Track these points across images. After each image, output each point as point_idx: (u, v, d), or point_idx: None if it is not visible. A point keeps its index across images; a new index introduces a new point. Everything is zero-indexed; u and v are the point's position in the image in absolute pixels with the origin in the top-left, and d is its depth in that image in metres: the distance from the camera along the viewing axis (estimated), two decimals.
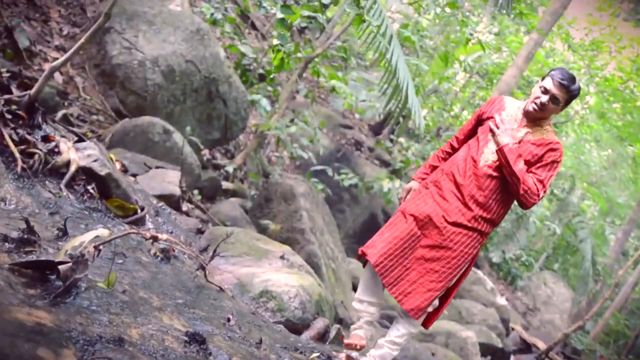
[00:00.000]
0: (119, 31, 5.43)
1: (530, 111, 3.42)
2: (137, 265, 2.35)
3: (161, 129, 5.00)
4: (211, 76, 5.77)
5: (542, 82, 3.47)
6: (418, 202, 3.52)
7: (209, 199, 5.99)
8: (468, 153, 3.53)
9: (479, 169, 3.42)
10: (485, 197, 3.42)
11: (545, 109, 3.43)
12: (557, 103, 3.43)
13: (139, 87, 5.28)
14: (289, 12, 3.86)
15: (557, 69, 3.52)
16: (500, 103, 3.68)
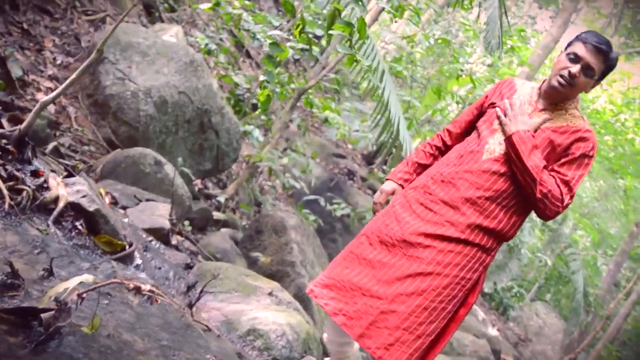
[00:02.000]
0: (113, 61, 5.45)
1: (556, 87, 2.69)
2: (122, 306, 2.34)
3: (152, 160, 5.00)
4: (204, 107, 5.78)
5: (571, 48, 2.73)
6: (389, 220, 2.81)
7: (200, 229, 5.97)
8: (465, 147, 2.87)
9: (479, 162, 2.73)
10: (486, 199, 2.68)
11: (575, 84, 2.67)
12: (591, 75, 2.66)
13: (131, 118, 5.29)
14: (278, 50, 3.87)
15: (589, 32, 2.76)
16: (510, 86, 2.97)
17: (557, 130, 2.72)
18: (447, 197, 2.75)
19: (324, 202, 8.87)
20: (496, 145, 2.76)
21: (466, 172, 2.76)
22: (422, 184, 2.89)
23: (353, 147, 12.56)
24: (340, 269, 2.78)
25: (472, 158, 2.79)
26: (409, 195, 2.89)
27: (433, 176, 2.86)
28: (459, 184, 2.75)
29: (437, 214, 2.73)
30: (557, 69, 2.73)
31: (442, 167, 2.88)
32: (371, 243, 2.80)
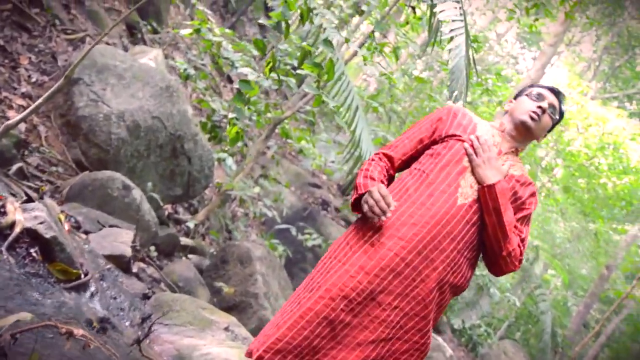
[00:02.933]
0: (88, 83, 5.44)
1: (526, 122, 2.63)
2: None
3: (121, 184, 4.97)
4: (177, 133, 5.78)
5: (529, 91, 2.76)
6: (344, 265, 2.43)
7: (167, 255, 5.93)
8: (430, 186, 2.52)
9: (455, 208, 2.47)
10: (458, 252, 2.47)
11: (541, 122, 2.65)
12: (552, 116, 2.69)
13: (102, 140, 5.27)
14: (248, 87, 3.89)
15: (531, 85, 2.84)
16: (466, 117, 2.75)
17: (519, 180, 2.64)
18: (420, 247, 2.42)
19: (295, 232, 8.87)
20: (467, 188, 2.54)
21: (442, 217, 2.46)
22: (386, 225, 2.49)
23: (328, 177, 12.60)
24: (296, 329, 2.36)
25: (445, 201, 2.49)
26: (373, 237, 2.49)
27: (402, 213, 2.49)
28: (435, 232, 2.44)
29: (409, 266, 2.41)
30: (521, 109, 2.71)
31: (410, 203, 2.52)
32: (333, 297, 2.38)
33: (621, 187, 13.94)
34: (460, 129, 2.70)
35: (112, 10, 8.63)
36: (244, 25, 14.30)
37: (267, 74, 3.79)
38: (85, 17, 7.24)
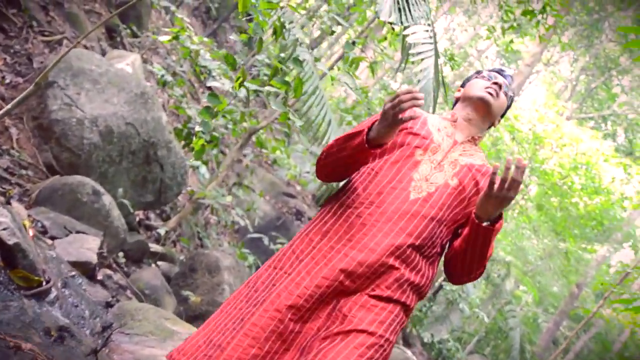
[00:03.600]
0: (62, 86, 5.43)
1: (485, 98, 2.48)
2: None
3: (91, 189, 4.97)
4: (151, 140, 5.78)
5: (477, 75, 2.64)
6: (289, 276, 2.28)
7: (135, 261, 5.92)
8: (380, 180, 2.37)
9: (408, 203, 2.32)
10: (413, 248, 2.29)
11: (499, 98, 2.50)
12: (508, 94, 2.57)
13: (74, 145, 5.26)
14: (216, 102, 3.91)
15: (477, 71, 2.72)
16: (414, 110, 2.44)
17: (480, 170, 2.47)
18: (372, 244, 2.26)
19: (267, 241, 8.88)
20: (422, 181, 2.38)
21: (393, 212, 2.31)
22: (333, 224, 2.37)
23: (303, 187, 12.63)
24: (242, 349, 2.18)
25: (397, 196, 2.34)
26: (320, 242, 2.34)
27: (350, 215, 2.35)
28: (388, 227, 2.28)
29: (362, 265, 2.24)
30: (475, 88, 2.56)
31: (357, 204, 2.37)
32: (278, 309, 2.20)
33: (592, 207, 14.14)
34: (410, 121, 2.41)
35: (92, 12, 8.62)
36: (225, 32, 14.31)
37: (237, 88, 3.81)
38: (64, 19, 7.22)
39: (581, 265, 18.65)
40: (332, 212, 2.43)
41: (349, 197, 2.41)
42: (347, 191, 2.46)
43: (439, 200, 2.37)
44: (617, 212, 16.61)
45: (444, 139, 2.50)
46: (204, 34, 13.59)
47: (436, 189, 2.40)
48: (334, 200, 2.51)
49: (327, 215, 2.44)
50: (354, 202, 2.38)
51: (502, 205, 2.23)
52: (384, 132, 2.28)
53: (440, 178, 2.43)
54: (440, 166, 2.45)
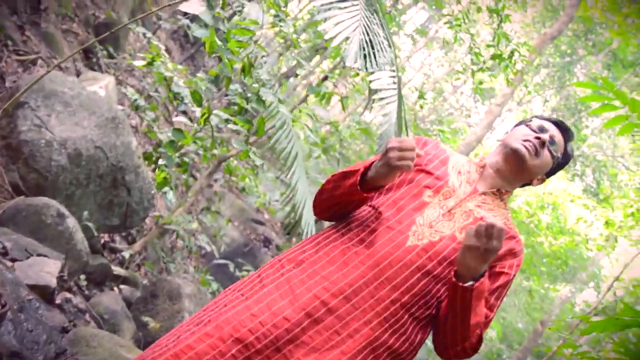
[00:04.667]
0: (33, 107, 5.46)
1: (520, 151, 2.16)
2: None
3: (55, 211, 4.99)
4: (119, 164, 5.82)
5: (528, 122, 2.28)
6: (246, 300, 1.97)
7: (97, 284, 5.92)
8: (375, 219, 2.08)
9: (402, 249, 1.99)
10: (401, 305, 1.95)
11: (538, 157, 2.18)
12: (553, 154, 2.23)
13: (42, 166, 5.28)
14: (181, 136, 4.00)
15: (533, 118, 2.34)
16: (437, 147, 2.30)
17: None
18: (349, 292, 1.93)
19: (233, 268, 8.90)
20: (426, 227, 2.04)
21: (382, 257, 1.98)
22: (311, 260, 2.06)
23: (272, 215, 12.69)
24: None
25: (391, 239, 2.01)
26: (291, 272, 2.03)
27: (333, 249, 2.07)
28: (370, 275, 1.96)
29: (332, 313, 1.92)
30: (515, 137, 2.23)
31: (345, 238, 2.09)
32: (223, 338, 1.88)
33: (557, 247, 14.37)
34: (427, 158, 2.21)
35: (69, 32, 8.68)
36: (203, 55, 14.41)
37: (202, 124, 3.90)
38: (40, 39, 7.27)
39: (546, 303, 18.87)
40: (315, 242, 2.14)
41: (339, 231, 2.14)
42: (340, 225, 2.19)
43: (440, 253, 2.03)
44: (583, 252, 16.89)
45: (463, 184, 2.19)
46: (181, 57, 13.70)
47: (440, 239, 2.05)
48: (322, 232, 2.24)
49: (308, 244, 2.15)
50: (342, 236, 2.11)
51: (485, 258, 1.89)
52: (382, 174, 2.03)
53: (447, 227, 2.09)
54: (450, 214, 2.12)
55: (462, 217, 2.13)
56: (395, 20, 11.59)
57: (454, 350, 2.06)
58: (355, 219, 2.17)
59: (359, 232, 2.09)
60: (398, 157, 1.95)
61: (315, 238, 2.19)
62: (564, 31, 16.05)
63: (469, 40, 8.42)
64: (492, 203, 2.21)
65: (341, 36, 2.99)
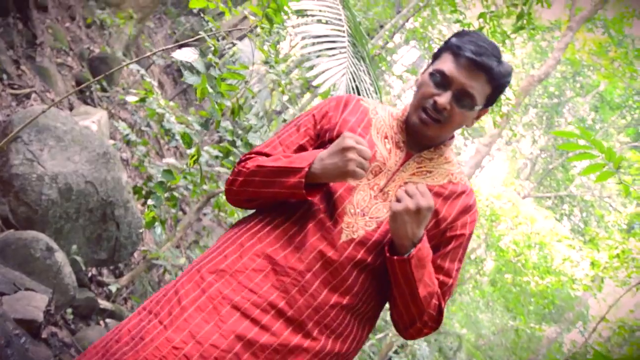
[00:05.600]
0: (26, 142, 5.53)
1: (417, 125, 1.87)
2: None
3: (44, 245, 5.04)
4: (109, 199, 5.89)
5: (437, 63, 1.89)
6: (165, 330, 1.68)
7: (83, 318, 5.94)
8: (312, 214, 1.81)
9: (337, 247, 1.76)
10: (342, 308, 1.77)
11: (446, 120, 1.85)
12: (469, 105, 1.85)
13: (32, 200, 5.34)
14: (170, 177, 4.08)
15: (463, 34, 1.89)
16: (360, 108, 1.98)
17: (440, 192, 1.88)
18: (283, 304, 1.71)
19: None
20: (358, 216, 1.80)
21: (314, 259, 1.75)
22: (235, 269, 1.77)
23: None
24: None
25: (321, 238, 1.77)
26: (213, 287, 1.74)
27: (258, 253, 1.79)
28: (307, 282, 1.73)
29: (268, 332, 1.68)
30: (419, 95, 1.89)
31: (271, 239, 1.80)
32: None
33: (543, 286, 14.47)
34: (349, 126, 1.92)
35: (63, 65, 8.80)
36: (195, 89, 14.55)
37: (191, 164, 3.99)
38: (34, 73, 7.38)
39: (533, 343, 18.88)
40: (238, 244, 1.85)
41: (264, 227, 1.86)
42: (263, 218, 1.91)
43: (379, 243, 1.80)
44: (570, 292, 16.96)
45: (392, 151, 1.90)
46: (174, 91, 13.85)
47: (377, 226, 1.81)
48: (243, 224, 1.94)
49: (230, 247, 1.86)
50: (267, 235, 1.83)
51: (419, 220, 1.68)
52: (331, 175, 1.74)
53: (383, 210, 1.84)
54: (384, 194, 1.86)
55: None
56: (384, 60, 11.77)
57: (414, 329, 1.86)
58: (280, 211, 1.87)
59: (286, 229, 1.81)
60: (357, 163, 1.69)
61: (236, 236, 1.88)
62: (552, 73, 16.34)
63: None
64: (430, 163, 1.92)
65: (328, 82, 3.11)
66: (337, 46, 3.30)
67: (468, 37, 1.85)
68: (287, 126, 2.03)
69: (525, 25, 7.21)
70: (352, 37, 3.43)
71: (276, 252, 1.77)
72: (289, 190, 1.78)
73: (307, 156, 1.80)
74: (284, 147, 1.96)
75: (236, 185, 1.96)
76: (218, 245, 1.90)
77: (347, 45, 3.34)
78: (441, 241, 1.90)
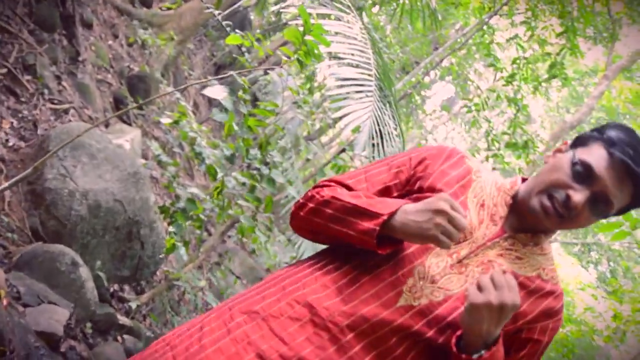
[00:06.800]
0: (60, 157, 5.71)
1: (538, 214, 1.59)
2: None
3: (70, 260, 5.18)
4: (135, 218, 6.03)
5: (583, 152, 1.59)
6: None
7: (102, 333, 6.06)
8: (379, 270, 1.57)
9: (392, 309, 1.51)
10: None
11: (570, 220, 1.58)
12: (603, 213, 1.59)
13: (62, 215, 5.50)
14: (193, 207, 4.20)
15: (621, 128, 1.59)
16: (462, 165, 1.73)
17: (525, 284, 1.61)
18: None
19: None
20: (426, 282, 1.55)
21: (362, 319, 1.49)
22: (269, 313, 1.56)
23: None
24: None
25: (377, 295, 1.52)
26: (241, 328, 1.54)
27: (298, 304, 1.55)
28: (344, 341, 1.48)
29: None
30: (550, 180, 1.60)
31: (309, 290, 1.56)
32: None
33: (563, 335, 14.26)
34: (445, 179, 1.68)
35: (103, 82, 9.03)
36: None
37: (215, 197, 4.11)
38: (75, 89, 7.60)
39: None
40: (280, 287, 1.63)
41: (312, 273, 1.64)
42: (314, 261, 1.70)
43: (443, 318, 1.54)
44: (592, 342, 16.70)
45: (485, 223, 1.65)
46: (208, 111, 14.06)
47: (445, 299, 1.56)
48: (294, 266, 1.74)
49: (271, 288, 1.65)
50: (314, 281, 1.61)
51: (499, 318, 1.43)
52: (411, 234, 1.50)
53: (456, 284, 1.58)
54: (462, 265, 1.61)
55: (477, 269, 1.60)
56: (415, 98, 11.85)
57: None
58: (337, 255, 1.67)
59: (337, 277, 1.58)
60: (444, 230, 1.45)
61: (281, 278, 1.68)
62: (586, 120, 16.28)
63: (487, 126, 8.65)
64: (523, 249, 1.65)
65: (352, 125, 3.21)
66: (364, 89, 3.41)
67: (627, 135, 1.56)
68: (378, 162, 1.83)
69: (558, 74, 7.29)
70: (380, 81, 3.54)
71: (319, 301, 1.53)
72: (359, 234, 1.54)
73: (390, 203, 1.57)
74: (368, 184, 1.74)
75: (304, 211, 1.74)
76: (260, 284, 1.71)
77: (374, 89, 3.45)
78: (514, 341, 1.62)
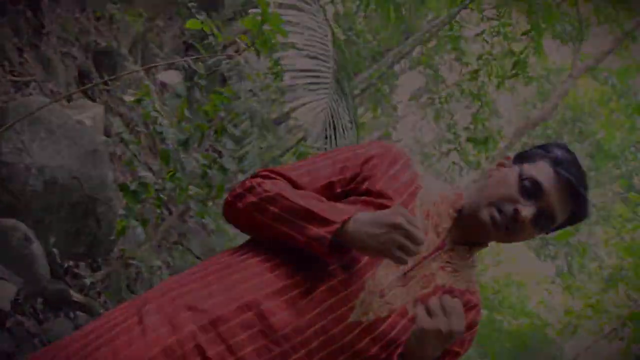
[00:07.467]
0: (18, 131, 5.64)
1: (487, 225, 1.61)
2: None
3: (23, 235, 5.14)
4: (93, 195, 6.00)
5: (530, 168, 1.64)
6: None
7: (53, 309, 6.03)
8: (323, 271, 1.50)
9: (342, 326, 1.47)
10: None
11: (515, 233, 1.62)
12: (545, 228, 1.64)
13: (17, 189, 5.45)
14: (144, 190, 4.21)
15: (564, 148, 1.68)
16: (408, 171, 1.68)
17: (460, 299, 1.53)
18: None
19: None
20: (375, 295, 1.50)
21: (313, 336, 1.43)
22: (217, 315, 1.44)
23: None
24: None
25: (331, 309, 1.46)
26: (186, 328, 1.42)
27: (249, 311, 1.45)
28: (294, 358, 1.42)
29: None
30: (499, 193, 1.61)
31: (261, 297, 1.46)
32: None
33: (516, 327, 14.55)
34: (395, 186, 1.61)
35: (68, 55, 8.90)
36: None
37: (168, 179, 4.12)
38: (37, 62, 7.49)
39: None
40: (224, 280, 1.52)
41: (263, 274, 1.53)
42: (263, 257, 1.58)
43: (386, 335, 1.53)
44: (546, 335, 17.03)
45: (429, 234, 1.61)
46: None
47: (389, 314, 1.54)
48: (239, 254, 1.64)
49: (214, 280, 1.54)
50: (265, 286, 1.50)
51: (444, 343, 1.43)
52: (364, 246, 1.44)
53: (399, 298, 1.56)
54: (406, 278, 1.58)
55: (419, 283, 1.59)
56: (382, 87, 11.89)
57: None
58: (288, 258, 1.55)
59: (291, 286, 1.49)
60: (400, 245, 1.39)
61: (228, 272, 1.56)
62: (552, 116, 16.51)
63: (449, 119, 8.74)
64: (459, 261, 1.67)
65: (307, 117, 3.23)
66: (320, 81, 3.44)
67: (570, 156, 1.64)
68: (322, 155, 1.73)
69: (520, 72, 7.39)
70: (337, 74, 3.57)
71: (272, 312, 1.44)
72: (309, 240, 1.46)
73: (343, 209, 1.52)
74: (312, 178, 1.65)
75: (243, 203, 1.63)
76: (199, 270, 1.58)
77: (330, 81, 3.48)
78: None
